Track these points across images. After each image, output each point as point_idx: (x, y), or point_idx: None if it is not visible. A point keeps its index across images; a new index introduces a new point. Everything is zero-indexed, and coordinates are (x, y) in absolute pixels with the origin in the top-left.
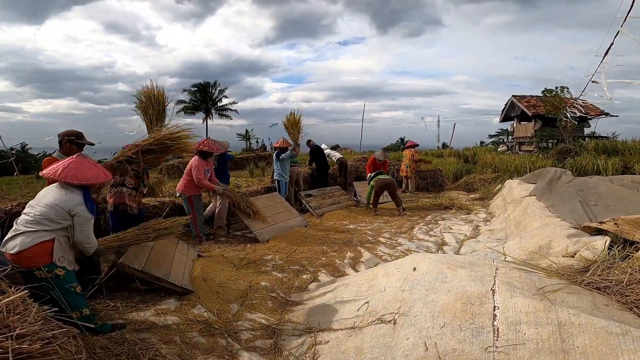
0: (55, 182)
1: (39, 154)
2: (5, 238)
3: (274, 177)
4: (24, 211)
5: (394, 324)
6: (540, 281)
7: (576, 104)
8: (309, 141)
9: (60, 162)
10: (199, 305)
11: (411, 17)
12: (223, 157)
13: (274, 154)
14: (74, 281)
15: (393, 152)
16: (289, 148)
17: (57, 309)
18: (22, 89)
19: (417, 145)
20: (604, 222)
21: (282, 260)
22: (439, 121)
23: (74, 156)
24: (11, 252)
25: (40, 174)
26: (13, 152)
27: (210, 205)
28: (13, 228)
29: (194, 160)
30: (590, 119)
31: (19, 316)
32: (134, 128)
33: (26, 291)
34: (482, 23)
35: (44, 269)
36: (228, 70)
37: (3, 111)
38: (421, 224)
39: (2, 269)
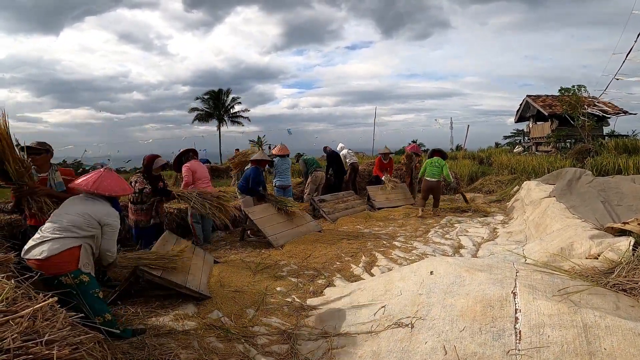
0: (85, 192)
1: (59, 163)
2: (28, 245)
3: (275, 185)
4: (50, 219)
5: (412, 328)
6: (563, 283)
7: (597, 102)
8: (325, 147)
9: (90, 175)
10: (216, 311)
11: (416, 20)
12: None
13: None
14: (97, 287)
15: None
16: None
17: (82, 314)
18: (42, 99)
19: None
20: (627, 223)
21: (297, 266)
22: (451, 123)
23: (102, 169)
24: (38, 257)
25: (70, 185)
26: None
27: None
28: (38, 236)
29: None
30: (609, 117)
31: (47, 322)
32: (149, 137)
33: (55, 297)
34: (490, 23)
35: (70, 275)
36: (238, 77)
37: (24, 121)
38: (436, 227)
39: (28, 275)
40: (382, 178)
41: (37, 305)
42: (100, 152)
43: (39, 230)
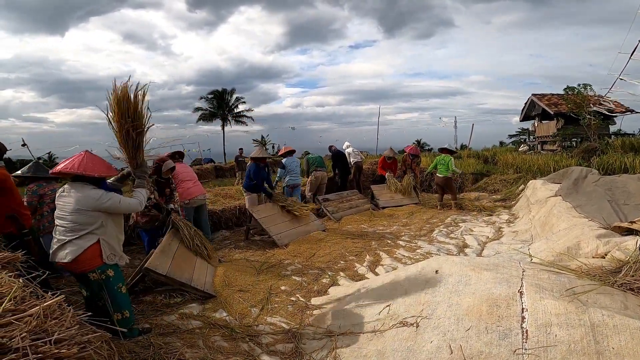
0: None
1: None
2: (52, 249)
3: (285, 184)
4: (57, 222)
5: (417, 327)
6: (570, 282)
7: (603, 100)
8: (330, 146)
9: (72, 158)
10: (221, 310)
11: (419, 19)
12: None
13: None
14: (122, 282)
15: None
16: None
17: (90, 313)
18: (47, 99)
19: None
20: (634, 222)
21: (301, 265)
22: (455, 122)
23: (83, 152)
24: (64, 261)
25: (51, 172)
26: (40, 161)
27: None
28: (57, 239)
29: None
30: (615, 116)
31: (56, 320)
32: (153, 136)
33: (63, 296)
34: (494, 22)
35: (97, 271)
36: (242, 77)
37: (30, 121)
38: (441, 226)
39: (36, 274)
40: (386, 175)
41: (46, 304)
42: (106, 152)
43: (54, 232)
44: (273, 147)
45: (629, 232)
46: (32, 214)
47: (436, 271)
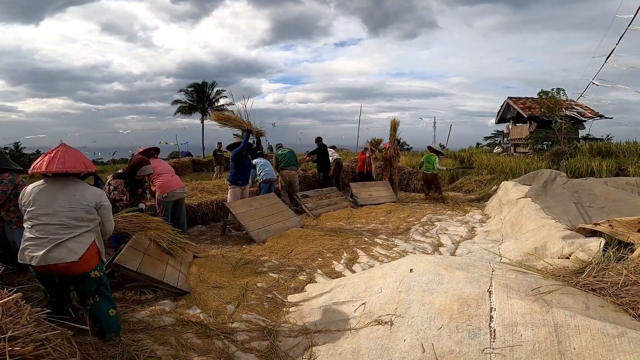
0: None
1: (33, 153)
2: (40, 252)
3: (261, 180)
4: (45, 221)
5: (391, 325)
6: (536, 282)
7: (575, 105)
8: (319, 138)
9: (46, 155)
10: (195, 307)
11: (404, 19)
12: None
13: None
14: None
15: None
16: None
17: (49, 310)
18: (17, 88)
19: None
20: (598, 224)
21: (278, 262)
22: (435, 122)
23: (59, 146)
24: (71, 260)
25: (30, 171)
26: (7, 151)
27: None
28: (47, 239)
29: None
30: (584, 121)
31: (11, 318)
32: (128, 128)
33: (20, 293)
34: (476, 25)
35: (97, 268)
36: (224, 71)
37: None
38: (417, 225)
39: None
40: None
41: (2, 301)
42: (76, 142)
43: (34, 232)
44: (254, 142)
45: (593, 233)
46: (2, 206)
47: (410, 270)
